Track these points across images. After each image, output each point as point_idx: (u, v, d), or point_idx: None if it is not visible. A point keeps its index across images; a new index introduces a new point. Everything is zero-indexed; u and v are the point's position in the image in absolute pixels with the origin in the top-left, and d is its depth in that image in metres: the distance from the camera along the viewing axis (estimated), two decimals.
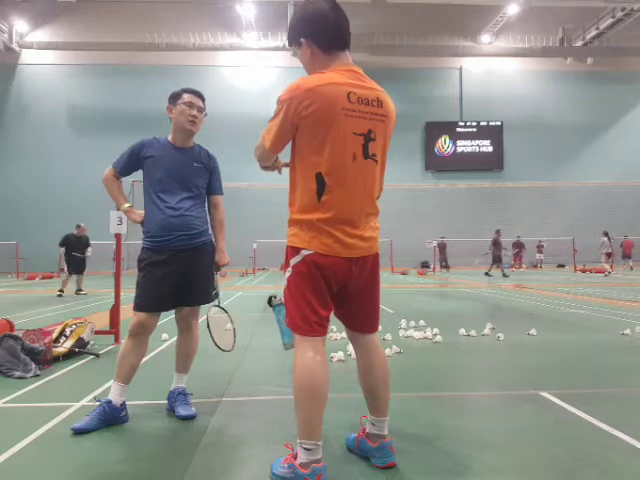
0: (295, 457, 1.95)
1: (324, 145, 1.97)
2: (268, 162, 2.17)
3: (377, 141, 2.05)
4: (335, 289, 2.05)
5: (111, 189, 2.98)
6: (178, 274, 2.81)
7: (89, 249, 11.82)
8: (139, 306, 2.77)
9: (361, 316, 2.17)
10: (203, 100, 2.97)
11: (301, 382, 1.93)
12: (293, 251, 2.03)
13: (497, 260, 18.49)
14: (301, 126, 1.97)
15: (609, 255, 18.56)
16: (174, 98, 2.93)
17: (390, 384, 2.21)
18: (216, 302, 3.01)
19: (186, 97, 2.90)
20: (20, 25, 26.53)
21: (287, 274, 2.04)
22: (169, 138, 2.96)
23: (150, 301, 2.77)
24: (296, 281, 2.01)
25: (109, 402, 2.66)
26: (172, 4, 26.44)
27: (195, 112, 2.89)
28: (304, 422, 1.92)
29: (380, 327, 5.53)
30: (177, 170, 2.87)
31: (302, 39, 2.09)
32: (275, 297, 2.32)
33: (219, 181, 3.10)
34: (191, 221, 2.87)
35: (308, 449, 1.90)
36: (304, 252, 2.00)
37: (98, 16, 26.37)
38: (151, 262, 2.80)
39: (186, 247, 2.84)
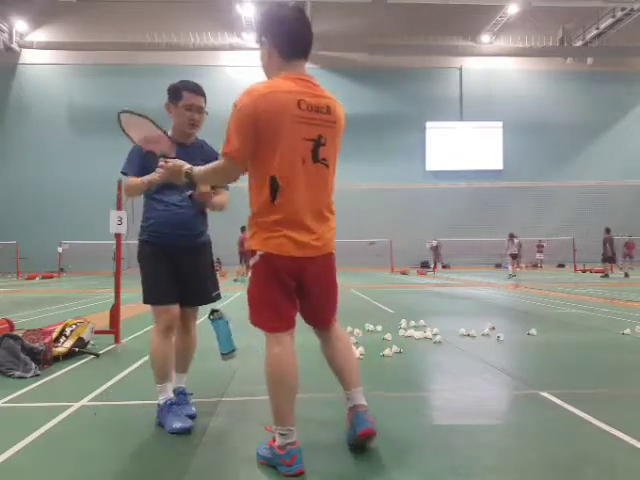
0: (274, 440, 2.12)
1: (276, 149, 2.07)
2: (235, 177, 2.23)
3: (327, 145, 2.16)
4: (292, 287, 2.18)
5: (136, 187, 2.76)
6: (177, 272, 2.79)
7: None
8: (157, 299, 2.70)
9: (317, 312, 2.32)
10: (204, 96, 2.83)
11: (271, 375, 2.10)
12: (252, 253, 2.16)
13: (610, 260, 18.36)
14: (256, 131, 2.06)
15: (514, 256, 18.33)
16: (174, 97, 2.78)
17: (355, 357, 2.36)
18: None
19: (186, 98, 2.76)
20: (20, 25, 26.55)
21: (249, 274, 2.20)
22: (169, 133, 2.82)
23: (164, 291, 2.71)
24: (256, 281, 2.17)
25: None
26: (172, 4, 26.47)
27: (196, 116, 2.78)
28: (276, 410, 2.10)
29: (380, 327, 5.60)
30: None
31: (263, 38, 2.20)
32: (216, 311, 2.49)
33: (214, 152, 2.87)
34: (191, 220, 2.83)
35: (282, 434, 2.07)
36: (259, 252, 2.13)
37: (98, 16, 26.38)
38: (152, 254, 2.76)
39: (185, 247, 2.81)
